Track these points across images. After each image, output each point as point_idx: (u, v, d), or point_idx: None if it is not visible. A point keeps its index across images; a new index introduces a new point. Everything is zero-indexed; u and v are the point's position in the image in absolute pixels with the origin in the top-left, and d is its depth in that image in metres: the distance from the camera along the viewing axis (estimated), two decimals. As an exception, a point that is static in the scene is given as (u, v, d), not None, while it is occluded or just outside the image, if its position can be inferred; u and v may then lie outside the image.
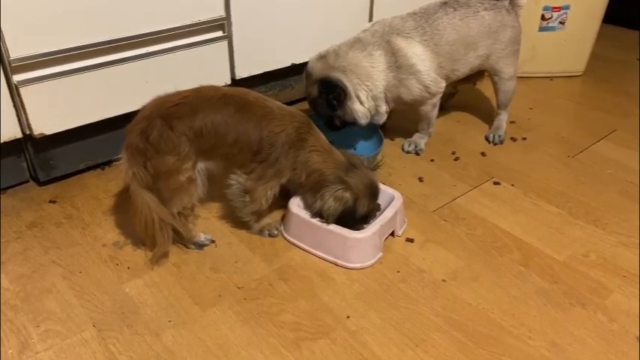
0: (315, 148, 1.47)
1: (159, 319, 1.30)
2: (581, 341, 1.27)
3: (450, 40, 1.83)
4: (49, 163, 1.74)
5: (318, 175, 1.47)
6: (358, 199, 1.46)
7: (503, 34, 1.92)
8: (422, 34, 1.80)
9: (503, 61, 1.98)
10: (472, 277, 1.44)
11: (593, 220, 1.67)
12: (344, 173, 1.46)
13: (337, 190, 1.45)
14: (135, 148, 1.37)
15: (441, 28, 1.82)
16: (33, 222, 1.61)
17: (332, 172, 1.47)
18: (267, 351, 1.23)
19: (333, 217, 1.46)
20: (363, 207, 1.48)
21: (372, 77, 1.78)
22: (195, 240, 1.52)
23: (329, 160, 1.48)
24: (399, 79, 1.81)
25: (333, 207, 1.45)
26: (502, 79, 2.03)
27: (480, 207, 1.71)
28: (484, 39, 1.89)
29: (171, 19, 1.72)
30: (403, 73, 1.80)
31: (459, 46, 1.85)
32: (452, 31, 1.83)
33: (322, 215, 1.47)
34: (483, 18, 1.88)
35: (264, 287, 1.40)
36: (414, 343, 1.25)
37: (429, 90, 1.84)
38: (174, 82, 1.49)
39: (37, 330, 1.27)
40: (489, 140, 2.09)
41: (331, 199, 1.45)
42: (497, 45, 1.93)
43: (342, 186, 1.45)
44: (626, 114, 2.30)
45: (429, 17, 1.83)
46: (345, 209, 1.46)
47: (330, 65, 1.76)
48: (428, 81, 1.82)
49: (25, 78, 1.53)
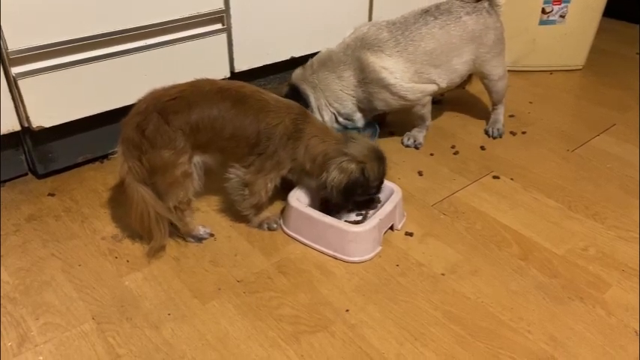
0: (313, 134, 1.47)
1: (158, 313, 1.30)
2: (579, 335, 1.27)
3: (427, 49, 1.79)
4: (47, 156, 1.74)
5: (322, 157, 1.46)
6: (365, 166, 1.46)
7: (486, 38, 1.89)
8: (394, 45, 1.77)
9: (491, 64, 1.95)
10: (471, 271, 1.45)
11: (592, 214, 1.67)
12: (344, 146, 1.46)
13: (341, 162, 1.44)
14: (130, 141, 1.37)
15: (417, 39, 1.78)
16: (32, 215, 1.61)
17: (333, 148, 1.46)
18: (266, 344, 1.23)
19: (339, 189, 1.45)
20: (373, 171, 1.48)
21: (341, 99, 1.84)
22: (194, 233, 1.52)
23: (328, 140, 1.47)
24: (369, 93, 1.81)
25: (337, 178, 1.44)
26: (492, 80, 2.01)
27: (479, 201, 1.72)
28: (467, 44, 1.86)
29: (171, 11, 1.71)
30: (374, 88, 1.79)
31: (440, 54, 1.81)
32: (430, 41, 1.79)
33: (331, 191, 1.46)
34: (465, 24, 1.84)
35: (263, 281, 1.40)
36: (413, 337, 1.26)
37: (407, 98, 1.83)
38: (174, 74, 1.48)
39: (37, 323, 1.27)
40: (489, 134, 2.08)
41: (335, 170, 1.44)
42: (482, 49, 1.90)
43: (345, 157, 1.45)
44: (625, 108, 2.29)
45: (407, 28, 1.79)
46: (351, 180, 1.45)
47: (305, 77, 1.83)
48: (402, 92, 1.80)
49: (23, 70, 1.53)
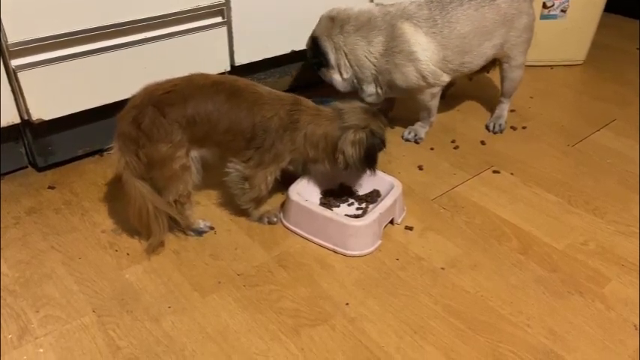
0: (308, 121, 1.46)
1: (158, 305, 1.31)
2: (579, 329, 1.27)
3: (462, 32, 1.80)
4: (47, 149, 1.73)
5: (324, 140, 1.46)
6: (370, 129, 1.46)
7: (518, 22, 1.88)
8: (432, 25, 1.78)
9: (517, 49, 1.95)
10: (471, 265, 1.45)
11: (592, 209, 1.67)
12: (341, 121, 1.46)
13: (349, 137, 1.45)
14: (127, 136, 1.36)
15: (453, 20, 1.79)
16: (32, 208, 1.61)
17: (332, 127, 1.46)
18: (266, 337, 1.23)
19: (360, 161, 1.47)
20: (379, 129, 1.49)
21: (362, 65, 1.85)
22: (194, 227, 1.52)
23: (323, 122, 1.47)
24: (394, 64, 1.80)
25: (355, 153, 1.45)
26: (511, 66, 2.00)
27: (479, 195, 1.72)
28: (499, 28, 1.86)
29: (171, 4, 1.70)
30: (400, 59, 1.79)
31: (472, 38, 1.82)
32: (465, 23, 1.80)
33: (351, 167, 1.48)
34: (499, 6, 1.83)
35: (263, 274, 1.40)
36: (413, 330, 1.26)
37: (427, 80, 1.83)
38: (173, 68, 1.48)
39: (37, 315, 1.27)
40: (489, 129, 2.08)
41: (348, 146, 1.45)
42: (513, 32, 1.89)
43: (350, 130, 1.45)
44: (626, 103, 2.29)
45: (444, 7, 1.80)
46: (367, 148, 1.46)
47: (330, 35, 1.83)
48: (426, 71, 1.81)
49: (23, 63, 1.52)
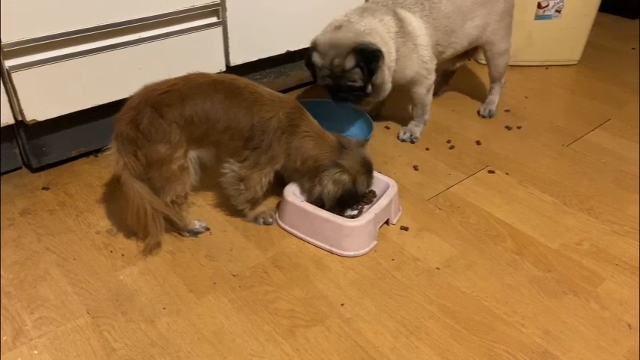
0: (307, 133, 1.47)
1: (153, 307, 1.30)
2: (573, 329, 1.28)
3: (446, 12, 1.86)
4: (41, 150, 1.73)
5: (313, 161, 1.48)
6: (356, 179, 1.49)
7: (497, 5, 1.97)
8: (422, 9, 1.84)
9: (498, 34, 2.03)
10: (466, 266, 1.45)
11: (586, 208, 1.67)
12: (338, 156, 1.48)
13: (335, 174, 1.47)
14: (125, 137, 1.36)
15: (437, 1, 1.85)
16: (26, 209, 1.60)
17: (327, 156, 1.48)
18: (261, 338, 1.23)
19: (333, 200, 1.49)
20: (362, 184, 1.52)
21: (388, 44, 1.75)
22: (189, 228, 1.51)
23: (322, 145, 1.48)
24: (406, 48, 1.82)
25: (332, 191, 1.48)
26: (494, 53, 2.08)
27: (474, 195, 1.72)
28: (479, 9, 1.93)
29: (165, 4, 1.70)
30: (409, 44, 1.82)
31: (456, 17, 1.89)
32: (447, 3, 1.86)
33: (322, 200, 1.49)
34: None
35: (258, 275, 1.40)
36: (408, 331, 1.26)
37: (426, 66, 1.86)
38: (168, 68, 1.48)
39: (31, 317, 1.27)
40: (480, 113, 2.15)
41: (330, 183, 1.47)
42: (493, 16, 1.97)
43: (339, 169, 1.47)
44: (620, 103, 2.30)
45: None
46: (345, 192, 1.48)
47: (357, 31, 1.69)
48: (426, 57, 1.85)
49: (17, 63, 1.52)
